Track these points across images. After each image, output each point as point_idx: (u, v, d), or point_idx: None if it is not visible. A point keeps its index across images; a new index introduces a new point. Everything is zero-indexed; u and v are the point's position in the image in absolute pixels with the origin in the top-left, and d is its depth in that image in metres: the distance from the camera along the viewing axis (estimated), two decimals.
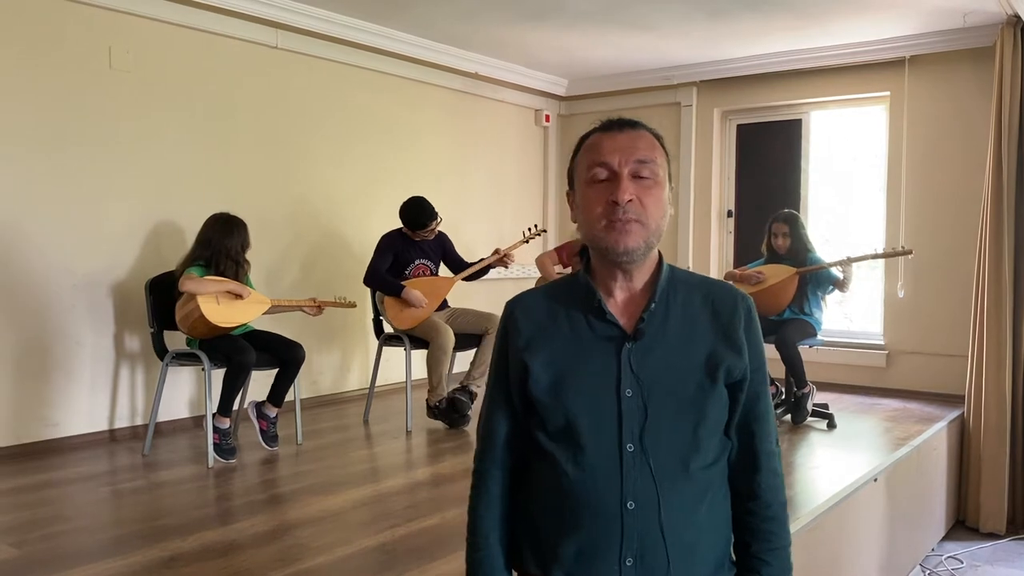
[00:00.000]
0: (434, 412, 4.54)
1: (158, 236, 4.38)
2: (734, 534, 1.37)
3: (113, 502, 3.32)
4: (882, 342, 5.67)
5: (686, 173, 6.37)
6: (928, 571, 4.24)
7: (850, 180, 6.06)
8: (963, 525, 4.84)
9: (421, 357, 4.61)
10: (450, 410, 4.49)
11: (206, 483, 3.54)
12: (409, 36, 5.41)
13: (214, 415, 3.82)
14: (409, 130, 5.72)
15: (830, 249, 5.70)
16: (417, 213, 4.58)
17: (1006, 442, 4.70)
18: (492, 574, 1.39)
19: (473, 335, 4.65)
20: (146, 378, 4.35)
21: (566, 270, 5.09)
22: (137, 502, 3.31)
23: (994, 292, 4.73)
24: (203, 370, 3.86)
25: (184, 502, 3.27)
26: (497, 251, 4.77)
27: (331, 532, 2.92)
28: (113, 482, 3.57)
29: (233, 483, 3.55)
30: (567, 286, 1.40)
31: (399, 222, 4.66)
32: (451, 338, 4.46)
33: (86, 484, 3.52)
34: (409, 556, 2.69)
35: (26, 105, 3.88)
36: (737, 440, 1.35)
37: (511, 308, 1.41)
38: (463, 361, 4.80)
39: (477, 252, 5.17)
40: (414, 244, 4.68)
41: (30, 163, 3.91)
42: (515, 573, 1.42)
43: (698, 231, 6.39)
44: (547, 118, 6.83)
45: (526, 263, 6.18)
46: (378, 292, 4.68)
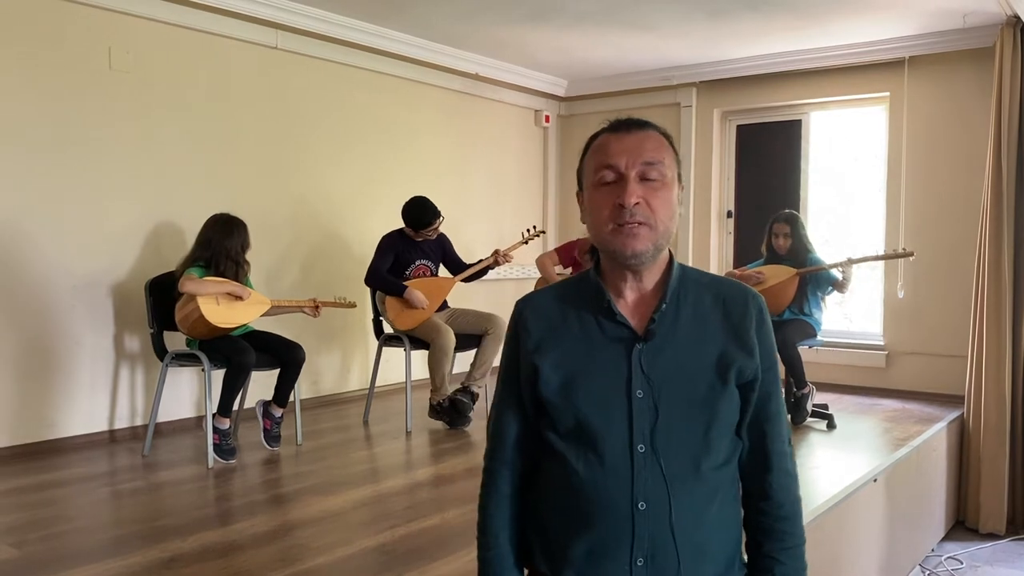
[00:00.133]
0: (436, 411, 4.55)
1: (158, 236, 4.38)
2: (747, 533, 1.37)
3: (113, 503, 3.32)
4: (882, 342, 5.67)
5: (686, 174, 6.31)
6: (928, 571, 4.24)
7: (850, 180, 6.06)
8: (963, 526, 4.84)
9: (421, 357, 4.61)
10: (451, 410, 4.50)
11: (206, 484, 3.54)
12: (409, 37, 5.42)
13: (214, 416, 3.82)
14: (409, 131, 5.72)
15: (830, 250, 5.71)
16: (421, 212, 4.58)
17: (1006, 442, 4.70)
18: (503, 573, 1.38)
19: (473, 335, 4.65)
20: (146, 379, 4.35)
21: (566, 271, 5.09)
22: (137, 503, 3.31)
23: (994, 292, 4.73)
24: (203, 371, 3.86)
25: (184, 503, 3.27)
26: (496, 252, 4.77)
27: (331, 533, 2.92)
28: (113, 483, 3.57)
29: (233, 484, 3.55)
30: (577, 286, 1.39)
31: (399, 223, 4.66)
32: (452, 339, 4.46)
33: (86, 485, 3.51)
34: (409, 556, 2.69)
35: (26, 105, 3.88)
36: (748, 440, 1.35)
37: (521, 308, 1.41)
38: (463, 362, 4.80)
39: (477, 253, 5.17)
40: (415, 245, 4.68)
41: (30, 163, 3.91)
42: (526, 572, 1.41)
43: (698, 231, 6.39)
44: (547, 119, 6.83)
45: (526, 263, 6.19)
46: (379, 292, 4.68)
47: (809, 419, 4.63)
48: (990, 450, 4.74)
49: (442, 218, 4.65)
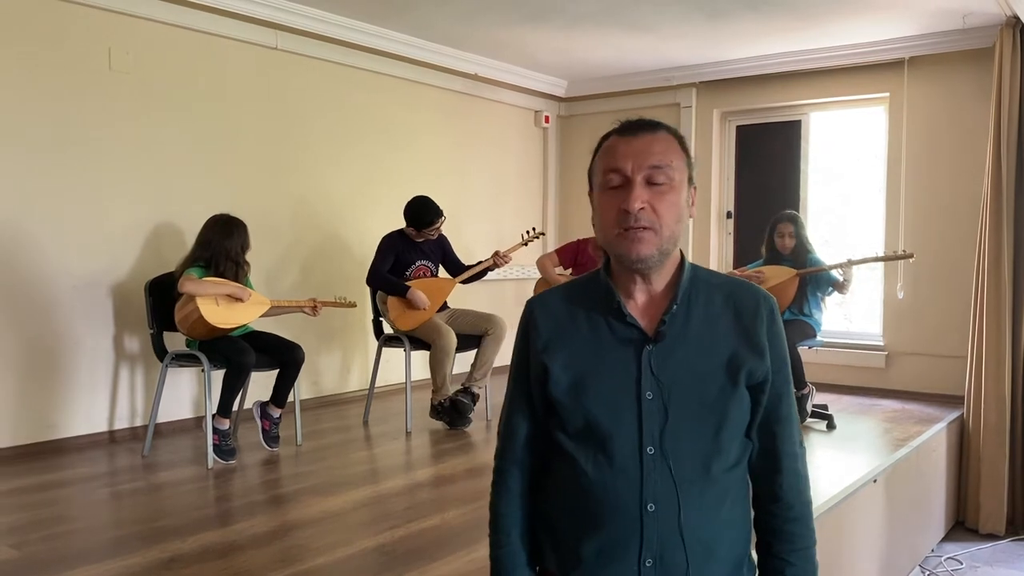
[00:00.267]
0: (437, 412, 4.55)
1: (158, 237, 4.38)
2: (757, 534, 1.37)
3: (113, 503, 3.32)
4: (881, 343, 5.67)
5: None
6: (927, 572, 4.24)
7: (850, 181, 6.06)
8: (962, 526, 4.84)
9: (420, 358, 4.61)
10: (452, 411, 4.50)
11: (206, 484, 3.54)
12: (409, 37, 5.42)
13: (214, 416, 3.81)
14: (409, 131, 5.72)
15: (830, 250, 5.71)
16: (424, 211, 4.58)
17: (1005, 443, 4.71)
18: (515, 570, 1.38)
19: (473, 336, 4.65)
20: (146, 379, 4.35)
21: (567, 272, 5.09)
22: (137, 503, 3.31)
23: (993, 293, 4.74)
24: (203, 371, 3.86)
25: (184, 503, 3.27)
26: (496, 253, 4.77)
27: (331, 533, 2.92)
28: (113, 483, 3.57)
29: (233, 484, 3.55)
30: (587, 286, 1.39)
31: (399, 223, 4.66)
32: (453, 339, 4.46)
33: (86, 485, 3.51)
34: (409, 557, 2.69)
35: (26, 105, 3.88)
36: (758, 442, 1.35)
37: (531, 308, 1.41)
38: (463, 362, 4.80)
39: (477, 253, 5.17)
40: (415, 245, 4.68)
41: (30, 163, 3.91)
42: (536, 570, 1.41)
43: (698, 232, 6.39)
44: (547, 119, 6.83)
45: (526, 264, 6.19)
46: (379, 293, 4.68)
47: (809, 419, 4.63)
48: (990, 450, 4.74)
49: (444, 217, 4.65)
